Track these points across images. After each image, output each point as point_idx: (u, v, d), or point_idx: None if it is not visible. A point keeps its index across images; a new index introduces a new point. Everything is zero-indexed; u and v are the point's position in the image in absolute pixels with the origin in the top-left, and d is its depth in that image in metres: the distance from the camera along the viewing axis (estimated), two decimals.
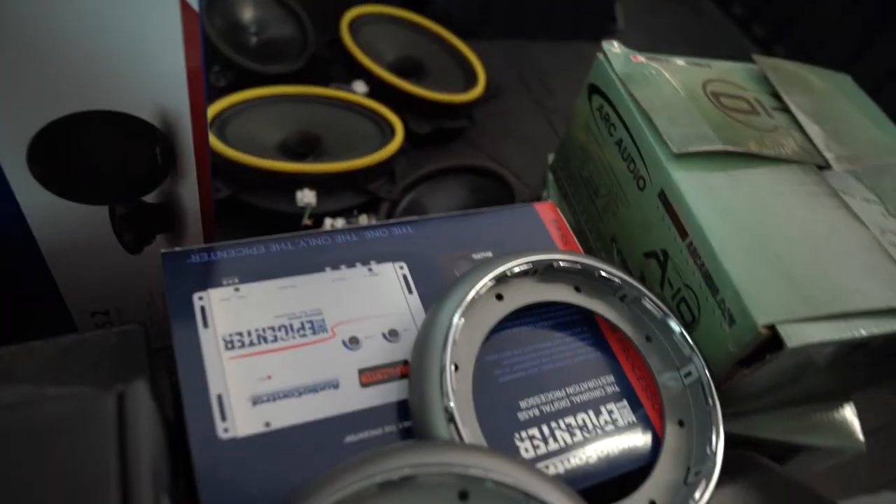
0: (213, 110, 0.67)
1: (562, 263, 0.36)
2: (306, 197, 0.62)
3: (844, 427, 0.50)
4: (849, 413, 0.50)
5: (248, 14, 0.82)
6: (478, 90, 0.80)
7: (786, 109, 0.46)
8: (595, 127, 0.46)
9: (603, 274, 0.37)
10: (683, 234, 0.38)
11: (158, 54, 0.33)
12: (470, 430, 0.30)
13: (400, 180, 0.69)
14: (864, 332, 0.34)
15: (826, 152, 0.44)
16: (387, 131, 0.70)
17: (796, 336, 0.33)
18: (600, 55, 0.45)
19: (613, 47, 0.45)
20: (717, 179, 0.39)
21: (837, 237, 0.38)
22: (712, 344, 0.36)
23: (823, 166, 0.43)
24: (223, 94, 0.70)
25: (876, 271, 0.37)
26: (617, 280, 0.37)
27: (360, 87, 0.77)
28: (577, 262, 0.36)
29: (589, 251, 0.48)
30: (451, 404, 0.29)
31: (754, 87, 0.48)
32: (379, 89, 0.77)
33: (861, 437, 0.50)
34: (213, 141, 0.62)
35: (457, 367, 0.31)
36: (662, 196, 0.39)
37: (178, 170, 0.39)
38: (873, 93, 0.54)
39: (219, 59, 0.77)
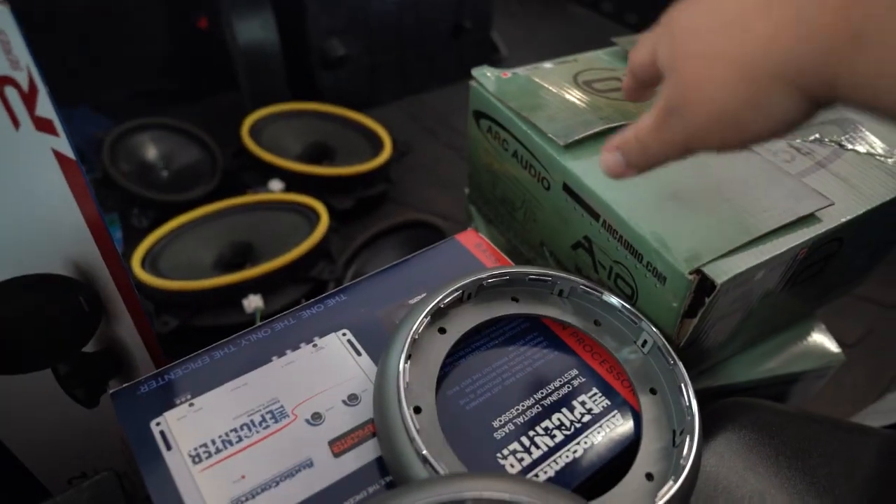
0: (141, 250, 0.68)
1: (490, 280, 0.37)
2: (253, 303, 0.63)
3: (818, 346, 0.51)
4: (818, 331, 0.52)
5: (152, 152, 0.84)
6: (386, 153, 0.83)
7: None
8: (491, 148, 0.48)
9: (532, 276, 0.38)
10: (595, 215, 0.39)
11: (54, 209, 0.34)
12: (447, 465, 0.30)
13: (338, 258, 0.70)
14: (784, 247, 0.36)
15: None
16: (312, 218, 0.72)
17: (723, 271, 0.34)
18: (473, 83, 0.47)
19: (483, 72, 0.47)
20: None
21: (733, 170, 0.40)
22: (657, 306, 0.37)
23: None
24: (149, 232, 0.71)
25: (777, 188, 0.39)
26: (548, 278, 0.38)
27: (276, 185, 0.79)
28: (504, 274, 0.37)
29: (526, 263, 0.49)
30: (421, 446, 0.29)
31: (622, 65, 0.51)
32: (295, 181, 0.79)
33: (837, 349, 0.51)
34: (149, 277, 0.63)
35: (418, 410, 0.32)
36: (567, 188, 0.41)
37: (110, 313, 0.40)
38: None
39: (135, 201, 0.78)
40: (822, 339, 0.51)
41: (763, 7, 0.25)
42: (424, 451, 0.29)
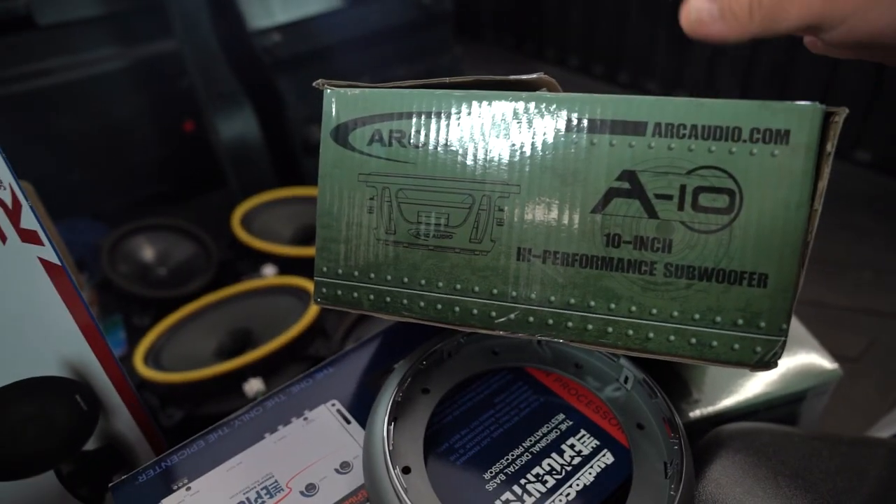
0: (143, 347, 0.69)
1: (467, 336, 0.38)
2: (254, 386, 0.64)
3: (811, 364, 0.51)
4: (810, 347, 0.52)
5: (148, 252, 0.87)
6: None
7: None
8: (384, 160, 0.34)
9: None
10: (637, 130, 0.30)
11: (45, 314, 0.36)
12: None
13: (333, 334, 0.71)
14: None
15: None
16: (305, 298, 0.73)
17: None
18: (330, 92, 0.34)
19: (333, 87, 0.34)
20: None
21: None
22: (772, 194, 0.28)
23: None
24: (150, 329, 0.72)
25: None
26: None
27: (269, 270, 0.81)
28: None
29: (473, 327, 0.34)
30: None
31: None
32: (287, 265, 0.81)
33: (832, 365, 0.51)
34: (151, 373, 0.64)
35: (408, 470, 0.33)
36: (573, 124, 0.31)
37: (108, 409, 0.41)
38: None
39: (135, 301, 0.81)
40: (813, 357, 0.51)
41: None
42: None
